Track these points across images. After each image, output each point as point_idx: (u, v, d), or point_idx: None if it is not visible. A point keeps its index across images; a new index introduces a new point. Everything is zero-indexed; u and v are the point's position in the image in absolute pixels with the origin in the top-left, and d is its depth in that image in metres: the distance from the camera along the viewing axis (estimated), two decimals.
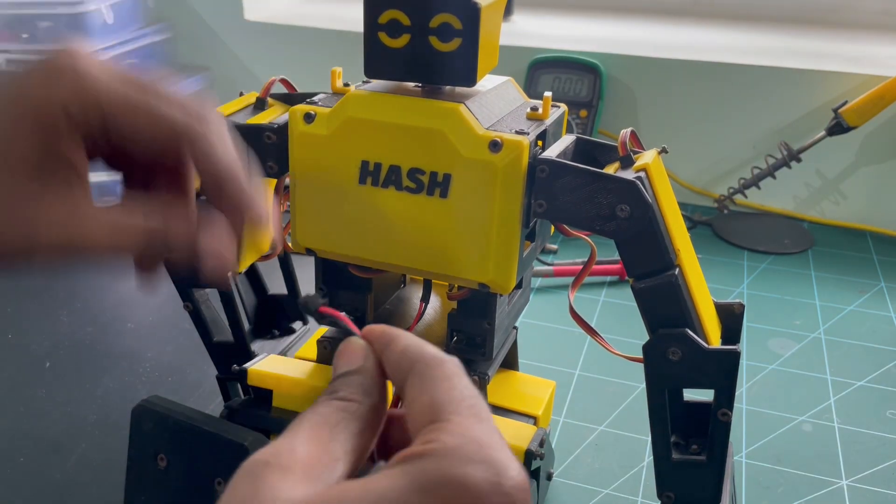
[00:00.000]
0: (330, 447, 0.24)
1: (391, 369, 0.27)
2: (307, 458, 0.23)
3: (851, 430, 0.56)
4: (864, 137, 0.87)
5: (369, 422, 0.26)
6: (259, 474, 0.22)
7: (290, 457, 0.23)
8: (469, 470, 0.21)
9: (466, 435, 0.23)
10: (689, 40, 0.98)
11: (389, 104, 0.38)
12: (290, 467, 0.22)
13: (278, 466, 0.22)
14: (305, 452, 0.23)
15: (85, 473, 0.50)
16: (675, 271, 0.36)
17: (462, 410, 0.24)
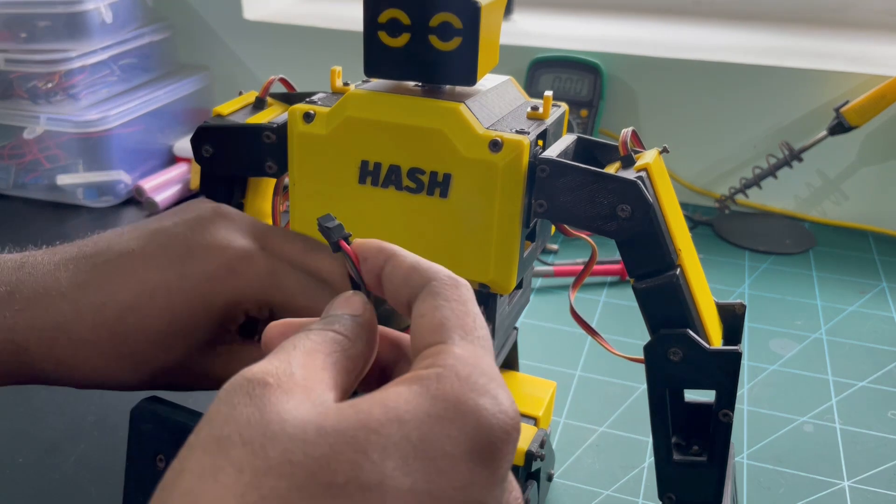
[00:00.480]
0: (322, 376, 0.23)
1: (395, 283, 0.26)
2: (304, 382, 0.22)
3: (853, 431, 0.56)
4: (865, 137, 0.87)
5: (357, 364, 0.25)
6: (260, 395, 0.21)
7: (288, 379, 0.22)
8: (481, 402, 0.22)
9: (478, 366, 0.23)
10: (690, 40, 0.98)
11: (389, 104, 0.37)
12: (290, 390, 0.21)
13: (279, 387, 0.21)
14: (302, 377, 0.22)
15: (84, 474, 0.50)
16: (677, 271, 0.36)
17: (474, 339, 0.24)
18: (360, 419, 0.20)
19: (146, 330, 0.34)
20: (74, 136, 0.88)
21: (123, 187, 0.92)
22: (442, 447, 0.21)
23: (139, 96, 0.94)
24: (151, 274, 0.34)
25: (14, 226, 0.86)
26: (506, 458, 0.22)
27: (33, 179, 0.92)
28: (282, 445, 0.20)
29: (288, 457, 0.19)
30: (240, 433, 0.20)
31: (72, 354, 0.34)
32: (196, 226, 0.35)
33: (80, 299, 0.33)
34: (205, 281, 0.34)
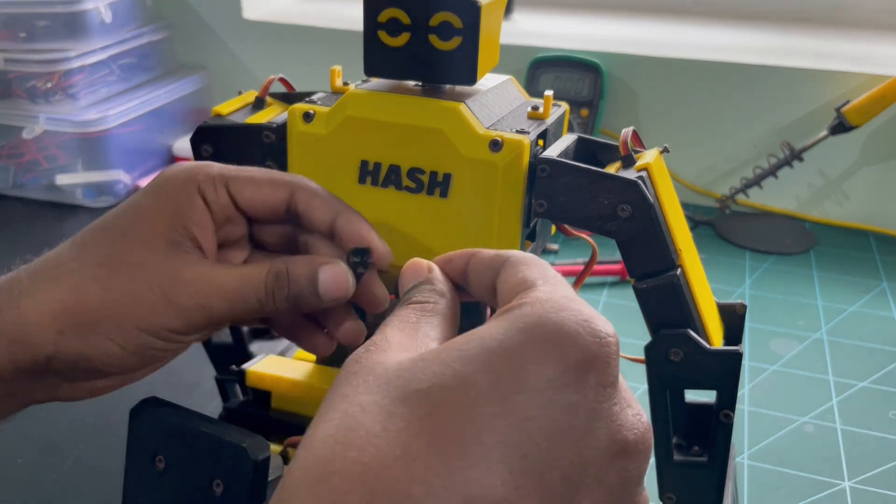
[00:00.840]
0: (417, 336, 0.26)
1: (479, 271, 0.28)
2: (401, 343, 0.25)
3: (854, 432, 0.56)
4: (866, 137, 0.87)
5: (447, 315, 0.28)
6: (361, 357, 0.24)
7: (385, 343, 0.25)
8: (563, 315, 0.23)
9: (557, 292, 0.24)
10: (690, 39, 0.98)
11: (389, 103, 0.37)
12: (387, 349, 0.24)
13: (376, 349, 0.24)
14: (398, 340, 0.25)
15: (83, 475, 0.50)
16: (677, 271, 0.36)
17: (550, 280, 0.26)
18: (447, 345, 0.23)
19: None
20: (73, 135, 0.88)
21: (122, 187, 0.92)
22: (524, 357, 0.22)
23: (138, 96, 0.94)
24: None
25: (13, 226, 0.86)
26: (597, 367, 0.23)
27: (32, 179, 0.92)
28: (386, 373, 0.23)
29: (386, 379, 0.23)
30: (354, 375, 0.24)
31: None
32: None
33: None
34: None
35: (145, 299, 0.32)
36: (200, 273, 0.32)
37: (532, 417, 0.21)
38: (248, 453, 0.36)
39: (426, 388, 0.22)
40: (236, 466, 0.36)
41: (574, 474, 0.21)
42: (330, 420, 0.23)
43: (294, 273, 0.33)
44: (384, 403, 0.22)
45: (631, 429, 0.23)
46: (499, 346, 0.22)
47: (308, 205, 0.34)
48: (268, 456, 0.37)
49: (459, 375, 0.22)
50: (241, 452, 0.36)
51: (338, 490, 0.20)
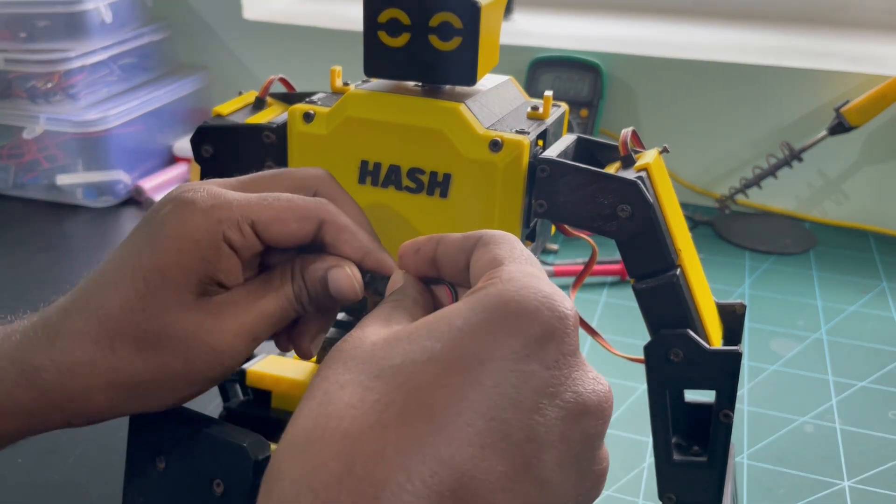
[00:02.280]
0: (390, 324, 0.27)
1: (450, 255, 0.30)
2: (375, 331, 0.26)
3: (853, 432, 0.56)
4: (866, 137, 0.87)
5: (418, 303, 0.29)
6: (340, 346, 0.26)
7: (360, 333, 0.26)
8: (524, 292, 0.24)
9: (522, 270, 0.26)
10: (690, 39, 0.98)
11: (389, 103, 0.37)
12: (363, 337, 0.26)
13: (353, 338, 0.26)
14: (372, 329, 0.26)
15: (83, 475, 0.50)
16: (677, 271, 0.36)
17: (518, 258, 0.27)
18: (417, 324, 0.25)
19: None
20: (74, 136, 0.88)
21: (123, 187, 0.92)
22: (488, 332, 0.24)
23: (139, 96, 0.94)
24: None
25: (14, 226, 0.86)
26: (556, 339, 0.24)
27: (32, 179, 0.92)
28: (362, 355, 0.25)
29: (363, 359, 0.25)
30: (334, 361, 0.25)
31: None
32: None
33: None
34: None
35: (194, 361, 0.32)
36: (242, 312, 0.32)
37: (496, 384, 0.23)
38: (249, 453, 0.36)
39: (398, 363, 0.24)
40: (237, 466, 0.36)
41: (537, 434, 0.23)
42: (313, 398, 0.24)
43: (309, 278, 0.33)
44: (360, 379, 0.24)
45: (592, 392, 0.25)
46: (464, 323, 0.24)
47: (336, 239, 0.33)
48: (268, 456, 0.37)
49: (428, 350, 0.24)
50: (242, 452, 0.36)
51: (320, 455, 0.22)
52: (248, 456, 0.36)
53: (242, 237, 0.32)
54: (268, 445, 0.37)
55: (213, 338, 0.32)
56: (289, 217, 0.32)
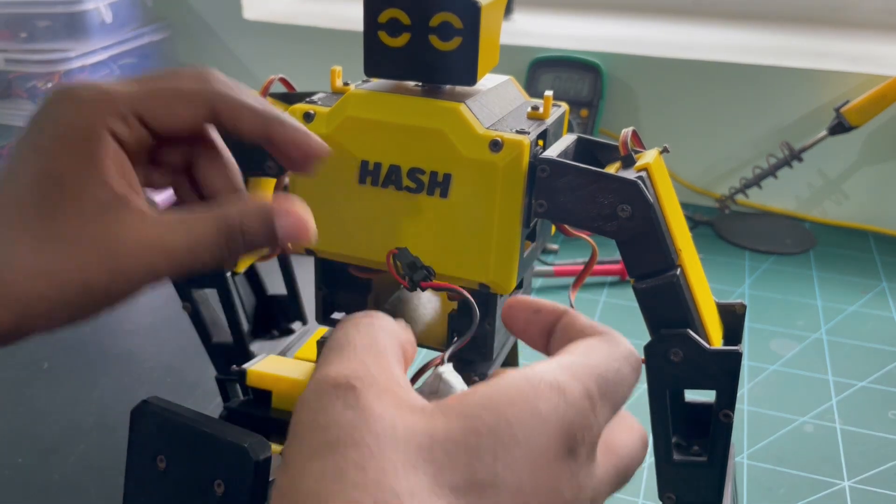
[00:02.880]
0: (397, 374, 0.24)
1: (570, 336, 0.29)
2: (387, 384, 0.23)
3: (853, 431, 0.56)
4: (865, 137, 0.87)
5: (408, 352, 0.27)
6: (354, 400, 0.21)
7: (373, 382, 0.22)
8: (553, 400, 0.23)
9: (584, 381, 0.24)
10: (690, 39, 0.98)
11: (389, 103, 0.37)
12: (379, 394, 0.22)
13: (367, 390, 0.22)
14: (384, 379, 0.23)
15: (84, 475, 0.50)
16: (677, 271, 0.36)
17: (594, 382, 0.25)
18: (469, 425, 0.21)
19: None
20: None
21: None
22: (538, 444, 0.22)
23: None
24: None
25: None
26: (576, 445, 0.22)
27: None
28: (398, 448, 0.21)
29: (408, 459, 0.20)
30: (351, 436, 0.21)
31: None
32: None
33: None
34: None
35: (88, 268, 0.29)
36: (144, 238, 0.29)
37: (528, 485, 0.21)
38: (250, 453, 0.36)
39: (461, 485, 0.21)
40: (237, 466, 0.36)
41: None
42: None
43: (249, 229, 0.30)
44: (419, 492, 0.20)
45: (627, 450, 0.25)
46: (524, 439, 0.22)
47: (233, 117, 0.30)
48: (269, 456, 0.37)
49: (492, 472, 0.21)
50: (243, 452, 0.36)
51: None
52: (249, 456, 0.36)
53: (128, 129, 0.29)
54: (269, 446, 0.37)
55: (110, 256, 0.28)
56: (177, 103, 0.30)
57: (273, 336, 0.52)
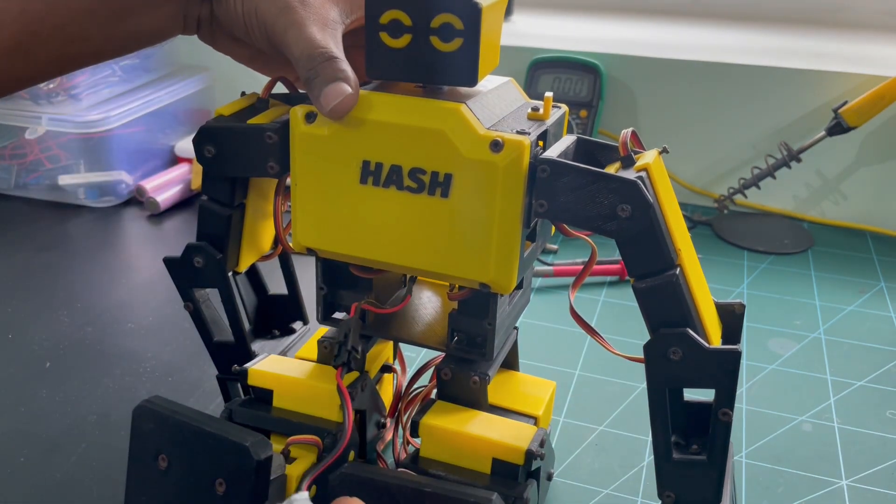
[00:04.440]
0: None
1: None
2: None
3: (851, 430, 0.56)
4: (864, 137, 0.87)
5: None
6: None
7: None
8: None
9: None
10: (689, 40, 0.98)
11: (390, 104, 0.38)
12: None
13: None
14: None
15: (85, 473, 0.50)
16: (676, 271, 0.36)
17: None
18: None
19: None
20: (76, 136, 0.88)
21: (125, 187, 0.92)
22: None
23: (140, 97, 0.94)
24: None
25: (16, 226, 0.86)
26: None
27: (35, 179, 0.92)
28: None
29: None
30: None
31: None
32: None
33: None
34: None
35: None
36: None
37: None
38: (251, 452, 0.36)
39: None
40: (239, 466, 0.36)
41: None
42: None
43: (322, 75, 0.37)
44: None
45: None
46: None
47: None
48: (270, 455, 0.37)
49: None
50: (244, 452, 0.36)
51: None
52: (251, 455, 0.36)
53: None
54: (270, 445, 0.37)
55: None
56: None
57: (274, 335, 0.52)
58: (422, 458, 0.43)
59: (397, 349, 0.53)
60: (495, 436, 0.41)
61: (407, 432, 0.49)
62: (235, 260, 0.46)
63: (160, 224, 0.89)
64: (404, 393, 0.50)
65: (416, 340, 0.45)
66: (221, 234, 0.44)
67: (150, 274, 0.77)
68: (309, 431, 0.43)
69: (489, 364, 0.44)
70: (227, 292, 0.46)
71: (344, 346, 0.42)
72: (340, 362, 0.42)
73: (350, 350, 0.42)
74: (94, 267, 0.78)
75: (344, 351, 0.42)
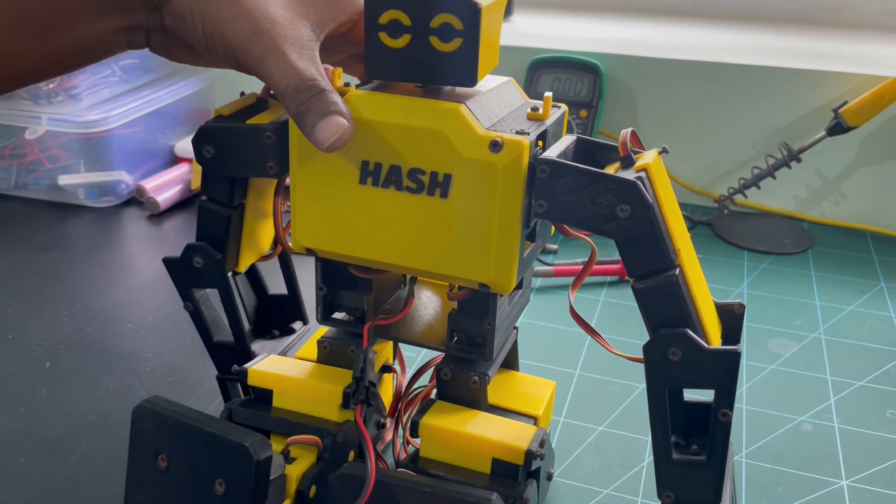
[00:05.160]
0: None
1: None
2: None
3: (851, 430, 0.56)
4: (864, 137, 0.87)
5: None
6: None
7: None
8: None
9: None
10: (689, 40, 0.98)
11: (390, 104, 0.38)
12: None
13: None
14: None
15: (85, 474, 0.50)
16: (676, 271, 0.36)
17: None
18: None
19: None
20: (76, 136, 0.88)
21: (125, 187, 0.92)
22: None
23: (140, 97, 0.94)
24: None
25: (16, 226, 0.86)
26: None
27: (34, 179, 0.92)
28: None
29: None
30: None
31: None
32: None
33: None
34: None
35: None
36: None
37: None
38: (251, 452, 0.36)
39: None
40: (238, 466, 0.36)
41: None
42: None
43: (314, 109, 0.36)
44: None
45: None
46: None
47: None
48: (270, 455, 0.37)
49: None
50: (244, 452, 0.36)
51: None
52: (250, 455, 0.36)
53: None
54: (269, 445, 0.37)
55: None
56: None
57: (274, 336, 0.52)
58: (422, 459, 0.43)
59: (397, 349, 0.53)
60: (495, 436, 0.41)
61: (407, 432, 0.49)
62: (235, 260, 0.46)
63: (160, 224, 0.89)
64: (404, 393, 0.50)
65: (416, 340, 0.45)
66: (221, 234, 0.44)
67: (149, 274, 0.77)
68: (309, 431, 0.43)
69: (489, 364, 0.44)
70: (226, 292, 0.46)
71: (361, 383, 0.42)
72: (359, 400, 0.42)
73: (368, 386, 0.42)
74: (94, 267, 0.78)
75: (362, 387, 0.42)
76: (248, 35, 0.36)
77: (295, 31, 0.37)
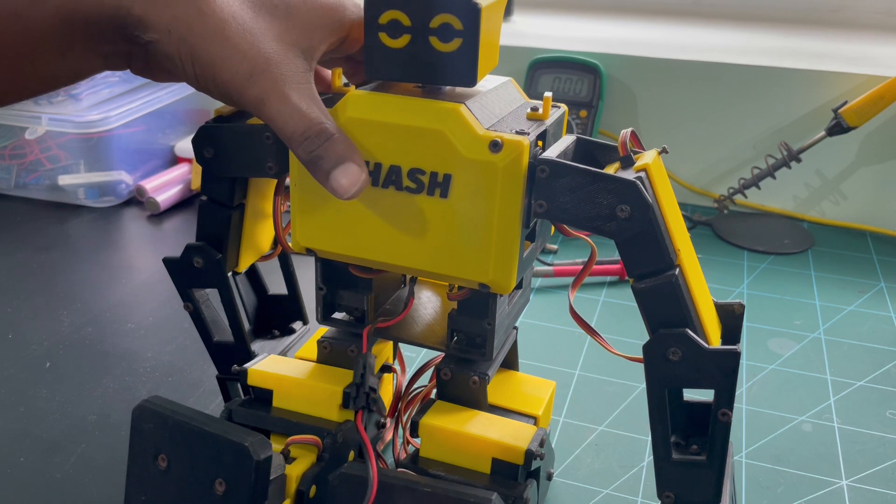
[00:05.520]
0: None
1: None
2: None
3: (851, 430, 0.57)
4: (864, 137, 0.87)
5: None
6: None
7: None
8: None
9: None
10: (689, 40, 0.98)
11: (390, 104, 0.38)
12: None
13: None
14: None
15: (85, 473, 0.50)
16: (676, 271, 0.36)
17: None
18: None
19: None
20: (76, 136, 0.88)
21: (125, 187, 0.92)
22: None
23: (140, 97, 0.94)
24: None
25: (16, 226, 0.86)
26: None
27: (35, 180, 0.92)
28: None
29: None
30: None
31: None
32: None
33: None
34: None
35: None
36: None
37: None
38: (251, 452, 0.36)
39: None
40: (238, 465, 0.36)
41: None
42: None
43: (327, 156, 0.36)
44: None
45: None
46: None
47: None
48: (270, 455, 0.37)
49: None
50: (244, 451, 0.36)
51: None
52: (250, 455, 0.36)
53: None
54: (269, 445, 0.37)
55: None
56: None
57: (274, 336, 0.52)
58: (422, 458, 0.43)
59: (397, 349, 0.53)
60: (495, 436, 0.42)
61: (407, 432, 0.49)
62: (235, 260, 0.46)
63: (160, 224, 0.89)
64: (404, 393, 0.50)
65: (416, 340, 0.45)
66: (221, 234, 0.44)
67: (149, 274, 0.77)
68: (309, 431, 0.43)
69: (489, 364, 0.44)
70: (226, 292, 0.46)
71: (361, 389, 0.42)
72: (360, 406, 0.42)
73: (368, 392, 0.42)
74: (94, 267, 0.78)
75: (362, 393, 0.42)
76: (243, 78, 0.35)
77: (290, 66, 0.36)
